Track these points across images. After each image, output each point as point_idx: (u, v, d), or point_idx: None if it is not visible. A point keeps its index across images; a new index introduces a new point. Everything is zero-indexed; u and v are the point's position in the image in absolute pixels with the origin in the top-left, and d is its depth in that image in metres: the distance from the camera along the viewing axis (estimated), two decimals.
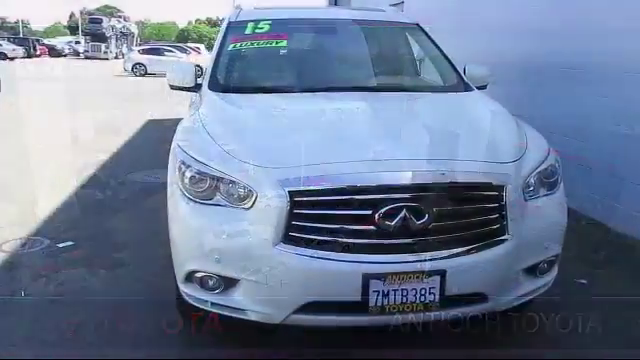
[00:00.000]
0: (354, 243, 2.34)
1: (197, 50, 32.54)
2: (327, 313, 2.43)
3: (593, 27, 4.74)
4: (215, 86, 3.43)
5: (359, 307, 2.38)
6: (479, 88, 3.61)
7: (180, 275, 2.64)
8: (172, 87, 3.79)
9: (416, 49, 4.07)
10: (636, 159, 4.26)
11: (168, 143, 3.00)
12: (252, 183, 2.41)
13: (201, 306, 2.63)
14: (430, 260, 2.36)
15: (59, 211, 5.10)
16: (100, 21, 50.55)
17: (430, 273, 2.36)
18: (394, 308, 2.38)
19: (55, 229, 4.61)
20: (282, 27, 3.89)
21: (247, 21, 3.96)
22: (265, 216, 2.36)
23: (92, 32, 48.87)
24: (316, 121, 2.96)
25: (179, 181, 2.62)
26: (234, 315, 2.57)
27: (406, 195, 2.33)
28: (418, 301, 2.38)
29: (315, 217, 2.35)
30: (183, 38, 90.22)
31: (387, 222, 2.31)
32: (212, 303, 2.58)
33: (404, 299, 2.37)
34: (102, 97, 15.40)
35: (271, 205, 2.35)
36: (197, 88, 3.67)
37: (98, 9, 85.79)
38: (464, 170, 2.44)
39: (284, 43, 3.78)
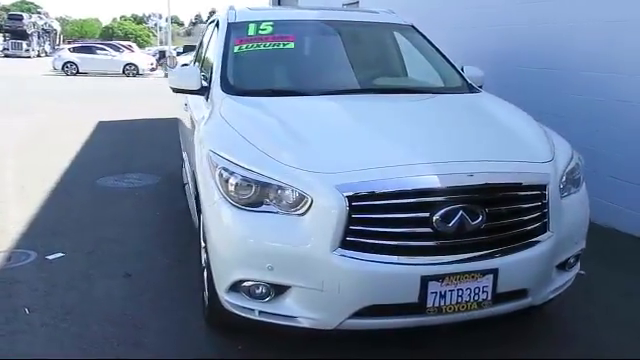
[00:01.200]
0: (412, 246, 2.37)
1: (130, 48, 31.56)
2: (382, 316, 2.45)
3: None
4: (229, 89, 3.35)
5: (416, 308, 2.41)
6: None
7: (224, 284, 2.57)
8: (175, 90, 3.67)
9: (412, 49, 4.11)
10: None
11: (129, 145, 2.91)
12: (307, 189, 2.38)
13: (246, 315, 2.58)
14: (485, 259, 2.42)
15: (34, 222, 4.83)
16: (21, 17, 48.10)
17: (484, 272, 2.42)
18: (450, 308, 2.42)
19: (36, 240, 4.37)
20: (285, 28, 3.85)
21: (248, 22, 3.90)
22: (322, 222, 2.35)
23: (12, 29, 46.46)
24: (352, 125, 2.95)
25: (220, 189, 2.56)
26: (283, 322, 2.54)
27: (462, 196, 2.37)
28: (472, 300, 2.44)
29: (372, 221, 2.35)
30: (108, 35, 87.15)
31: (444, 224, 2.35)
32: (260, 311, 2.54)
33: (459, 299, 2.42)
34: (40, 98, 14.64)
35: (329, 211, 2.34)
36: (203, 91, 3.56)
37: (14, 4, 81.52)
38: (512, 171, 2.52)
39: (291, 45, 3.74)
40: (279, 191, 2.44)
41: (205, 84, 3.59)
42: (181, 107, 5.07)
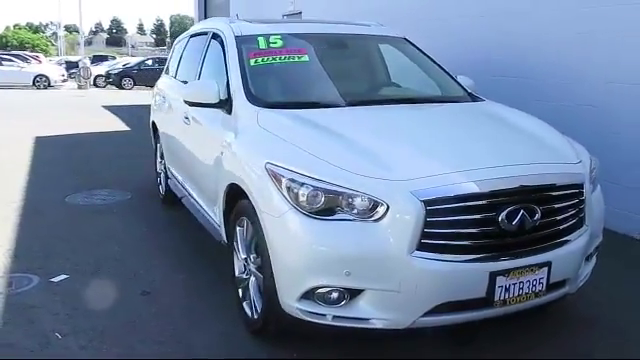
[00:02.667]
0: (481, 244, 2.56)
1: (37, 59, 29.99)
2: (452, 312, 2.61)
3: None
4: (257, 102, 3.40)
5: (484, 302, 2.60)
6: None
7: (295, 293, 2.64)
8: (191, 104, 3.67)
9: (408, 61, 4.32)
10: None
11: (81, 161, 2.94)
12: (383, 196, 2.51)
13: (319, 321, 2.66)
14: (541, 253, 2.66)
15: (19, 244, 4.60)
16: None
17: (541, 265, 2.66)
18: (513, 300, 2.63)
19: (31, 263, 4.18)
20: (295, 42, 3.94)
21: (256, 35, 3.95)
22: (400, 226, 2.48)
23: None
24: (401, 133, 3.10)
25: (290, 200, 2.62)
26: (356, 325, 2.64)
27: (522, 197, 2.60)
28: (531, 291, 2.66)
29: (445, 223, 2.52)
30: (2, 45, 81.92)
31: (508, 223, 2.56)
32: (334, 316, 2.63)
33: (521, 291, 2.63)
34: None
35: (406, 216, 2.48)
36: (222, 104, 3.58)
37: None
38: (559, 172, 2.79)
39: (306, 58, 3.84)
40: (353, 199, 2.55)
41: (222, 97, 3.60)
42: (170, 122, 5.02)
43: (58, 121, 12.44)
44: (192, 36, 5.23)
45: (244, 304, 3.25)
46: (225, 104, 3.58)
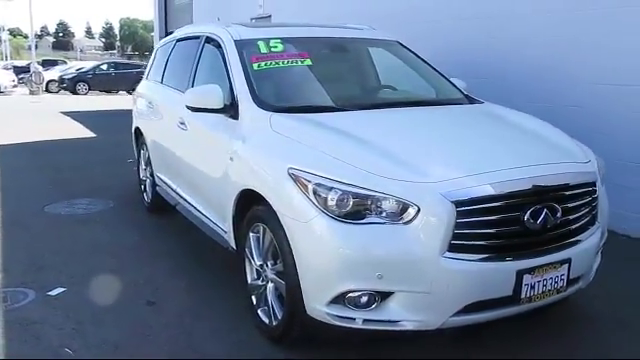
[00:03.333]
0: (508, 244, 2.62)
1: None
2: (480, 311, 2.65)
3: None
4: (266, 107, 3.37)
5: (510, 300, 2.65)
6: None
7: (325, 298, 2.63)
8: (195, 109, 3.61)
9: (402, 64, 4.36)
10: None
11: (52, 169, 2.90)
12: (413, 199, 2.53)
13: (348, 325, 2.66)
14: (562, 250, 2.74)
15: (5, 258, 4.41)
16: None
17: (562, 262, 2.73)
18: (537, 297, 2.70)
19: (23, 277, 4.02)
20: (295, 46, 3.92)
21: (255, 39, 3.92)
22: (431, 228, 2.51)
23: None
24: (419, 136, 3.12)
25: (318, 205, 2.62)
26: (386, 328, 2.65)
27: (545, 196, 2.67)
28: (553, 288, 2.73)
29: (474, 224, 2.56)
30: None
31: (532, 222, 2.62)
32: (364, 320, 2.63)
33: (544, 287, 2.70)
34: None
35: (437, 217, 2.51)
36: (227, 110, 3.54)
37: None
38: (576, 171, 2.87)
39: (309, 62, 3.83)
40: (383, 203, 2.56)
41: (227, 102, 3.56)
42: (160, 128, 4.92)
43: (18, 129, 12.01)
44: (179, 40, 5.14)
45: (259, 311, 3.22)
46: (230, 109, 3.54)
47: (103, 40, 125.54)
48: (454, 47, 6.09)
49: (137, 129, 5.67)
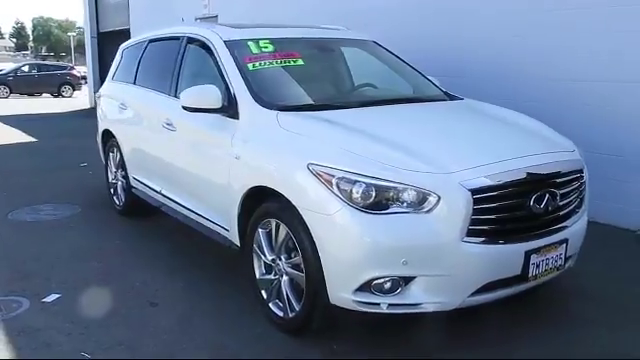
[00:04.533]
0: (517, 227, 2.86)
1: None
2: (493, 290, 2.87)
3: None
4: (269, 105, 3.45)
5: (519, 279, 2.89)
6: None
7: (352, 286, 2.77)
8: (192, 110, 3.64)
9: (380, 63, 4.55)
10: None
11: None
12: (433, 188, 2.71)
13: (374, 310, 2.82)
14: (561, 232, 3.02)
15: None
16: None
17: (561, 242, 3.01)
18: (541, 275, 2.96)
19: (10, 285, 3.91)
20: (284, 46, 4.01)
21: (245, 40, 3.99)
22: (451, 215, 2.71)
23: None
24: (425, 130, 3.31)
25: (343, 198, 2.75)
26: (409, 311, 2.83)
27: (548, 182, 2.94)
28: (553, 266, 3.00)
29: (487, 210, 2.77)
30: None
31: (537, 206, 2.88)
32: (389, 304, 2.80)
33: (547, 266, 2.96)
34: None
35: (457, 205, 2.71)
36: (224, 109, 3.60)
37: None
38: (569, 159, 3.15)
39: (301, 61, 3.93)
40: (404, 193, 2.73)
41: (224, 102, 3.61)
42: (138, 129, 4.88)
43: None
44: (152, 41, 5.10)
45: (271, 305, 3.31)
46: (228, 109, 3.60)
47: (14, 40, 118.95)
48: (416, 46, 6.36)
49: (106, 131, 5.57)
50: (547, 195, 2.91)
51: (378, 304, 2.80)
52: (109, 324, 3.39)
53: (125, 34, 14.63)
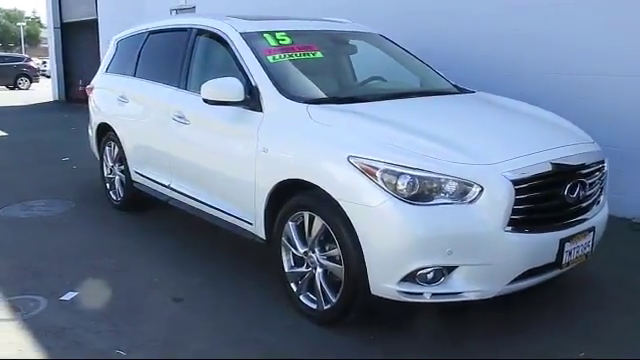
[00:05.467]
0: (552, 215, 2.96)
1: None
2: (529, 277, 2.96)
3: None
4: (296, 98, 3.44)
5: (553, 266, 2.99)
6: None
7: (397, 276, 2.81)
8: (213, 102, 3.60)
9: (390, 56, 4.58)
10: None
11: None
12: (476, 179, 2.77)
13: (417, 300, 2.87)
14: (589, 220, 3.13)
15: None
16: None
17: (589, 230, 3.12)
18: (572, 262, 3.06)
19: (22, 284, 3.80)
20: (300, 39, 4.00)
21: (261, 32, 3.96)
22: (494, 206, 2.77)
23: None
24: (452, 122, 3.37)
25: (388, 190, 2.78)
26: (451, 300, 2.89)
27: (578, 172, 3.04)
28: (582, 253, 3.11)
29: (526, 199, 2.85)
30: None
31: (570, 195, 2.98)
32: (432, 294, 2.85)
33: (577, 253, 3.07)
34: None
35: (499, 196, 2.78)
36: (246, 102, 3.57)
37: None
38: (593, 150, 3.26)
39: (319, 54, 3.93)
40: (449, 184, 2.78)
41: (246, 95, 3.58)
42: (143, 123, 4.79)
43: None
44: (153, 32, 5.00)
45: (302, 297, 3.32)
46: (250, 101, 3.57)
47: None
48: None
49: (102, 125, 5.43)
50: (578, 185, 3.01)
51: (421, 294, 2.85)
52: (137, 321, 3.33)
53: (92, 25, 14.33)
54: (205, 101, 3.63)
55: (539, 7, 5.44)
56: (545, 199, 2.93)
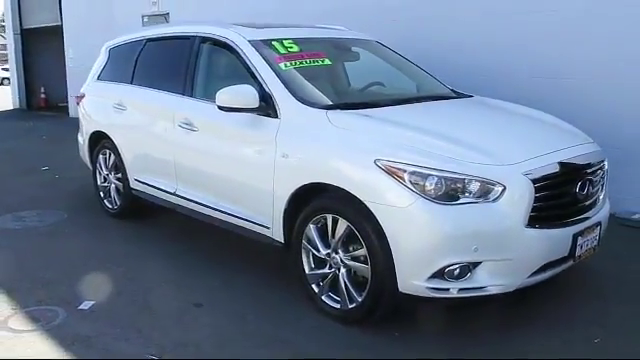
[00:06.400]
0: (566, 212, 3.15)
1: None
2: (545, 270, 3.13)
3: None
4: (315, 104, 3.54)
5: (566, 259, 3.18)
6: None
7: (427, 273, 2.94)
8: (229, 109, 3.66)
9: (387, 62, 4.72)
10: None
11: None
12: (499, 179, 2.93)
13: (444, 295, 3.01)
14: (596, 215, 3.34)
15: None
16: None
17: (597, 225, 3.33)
18: (583, 255, 3.26)
19: (35, 295, 3.77)
20: (309, 46, 4.10)
21: (269, 40, 4.04)
22: (516, 203, 2.94)
23: None
24: (465, 125, 3.53)
25: (416, 191, 2.92)
26: (476, 294, 3.03)
27: (587, 170, 3.25)
28: (590, 246, 3.32)
29: (544, 197, 3.03)
30: None
31: (580, 192, 3.18)
32: (459, 289, 2.99)
33: (587, 247, 3.27)
34: None
35: (521, 194, 2.95)
36: (261, 109, 3.66)
37: None
38: (592, 151, 3.47)
39: (328, 61, 4.04)
40: (473, 184, 2.93)
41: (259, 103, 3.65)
42: (145, 130, 4.79)
43: None
44: (151, 40, 5.01)
45: (324, 297, 3.41)
46: (265, 108, 3.65)
47: None
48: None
49: (97, 133, 5.38)
50: (587, 183, 3.22)
51: (448, 289, 2.99)
52: (162, 326, 3.36)
53: (56, 32, 14.03)
54: (220, 108, 3.69)
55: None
56: (559, 196, 3.12)
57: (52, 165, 7.80)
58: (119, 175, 5.18)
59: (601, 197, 3.53)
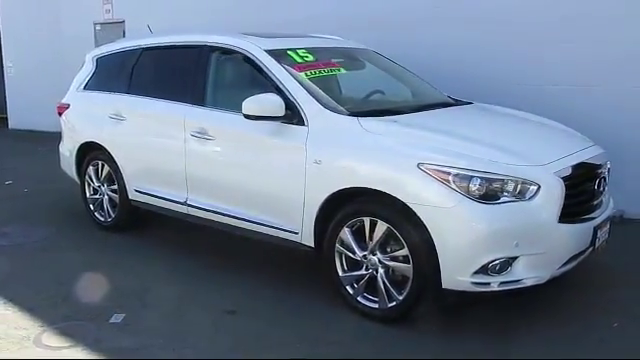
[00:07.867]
0: (588, 206, 3.44)
1: None
2: (571, 261, 3.39)
3: None
4: (343, 112, 3.66)
5: (586, 251, 3.46)
6: None
7: (471, 269, 3.12)
8: (256, 118, 3.72)
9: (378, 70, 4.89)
10: None
11: None
12: (534, 179, 3.17)
13: (486, 289, 3.20)
14: (607, 210, 3.66)
15: (11, 300, 3.88)
16: None
17: (608, 219, 3.65)
18: (600, 247, 3.56)
19: (58, 310, 3.68)
20: (322, 56, 4.23)
21: (284, 49, 4.12)
22: (550, 201, 3.18)
23: None
24: (488, 130, 3.77)
25: (460, 192, 3.10)
26: (514, 287, 3.24)
27: (599, 170, 3.57)
28: (604, 239, 3.62)
29: (571, 194, 3.29)
30: None
31: (597, 189, 3.50)
32: (500, 282, 3.19)
33: (602, 239, 3.57)
34: None
35: (554, 192, 3.19)
36: (286, 117, 3.74)
37: None
38: (602, 152, 3.77)
39: (343, 70, 4.18)
40: (511, 184, 3.15)
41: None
42: (150, 140, 4.73)
43: None
44: (148, 49, 4.96)
45: (359, 298, 3.53)
46: (291, 116, 3.74)
47: None
48: None
49: (88, 144, 5.23)
50: (602, 181, 3.53)
51: (489, 283, 3.18)
52: (205, 336, 3.37)
53: None
54: (247, 117, 3.74)
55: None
56: (583, 193, 3.40)
57: (15, 178, 7.46)
58: (114, 187, 5.07)
59: (606, 194, 3.86)
